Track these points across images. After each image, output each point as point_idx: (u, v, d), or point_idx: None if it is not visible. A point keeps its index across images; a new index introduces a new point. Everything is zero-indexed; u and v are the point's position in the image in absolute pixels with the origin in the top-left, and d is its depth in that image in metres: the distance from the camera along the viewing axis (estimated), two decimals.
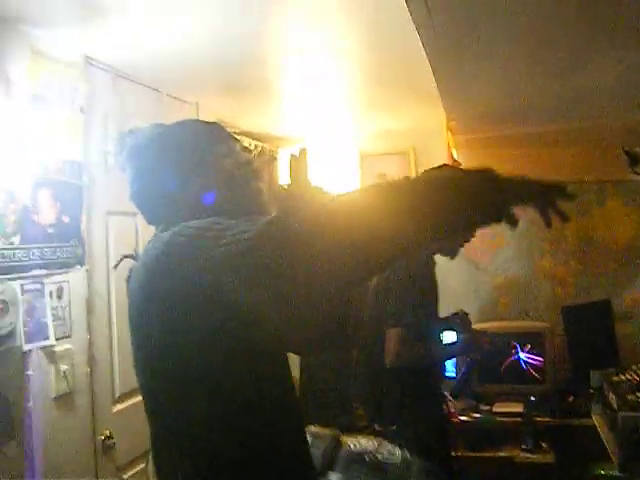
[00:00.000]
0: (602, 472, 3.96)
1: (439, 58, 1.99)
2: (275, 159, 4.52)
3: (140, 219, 1.65)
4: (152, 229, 1.67)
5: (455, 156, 3.98)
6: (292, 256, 1.21)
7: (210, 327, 1.37)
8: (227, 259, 1.25)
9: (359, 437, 2.63)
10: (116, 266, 1.89)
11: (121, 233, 2.80)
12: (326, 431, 2.65)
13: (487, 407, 4.16)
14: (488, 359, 4.02)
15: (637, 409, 2.38)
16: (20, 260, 2.17)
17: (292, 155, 1.66)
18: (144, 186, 1.65)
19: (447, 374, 4.16)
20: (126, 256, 1.81)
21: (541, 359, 4.23)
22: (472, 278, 4.67)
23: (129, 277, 1.65)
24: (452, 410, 3.99)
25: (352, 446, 2.57)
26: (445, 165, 3.29)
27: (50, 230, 2.33)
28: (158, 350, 1.47)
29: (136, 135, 1.70)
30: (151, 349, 1.49)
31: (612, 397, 2.60)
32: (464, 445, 4.01)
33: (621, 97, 2.69)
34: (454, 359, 4.13)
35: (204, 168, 1.64)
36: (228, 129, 1.89)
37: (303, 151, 1.66)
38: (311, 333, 1.42)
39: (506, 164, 4.28)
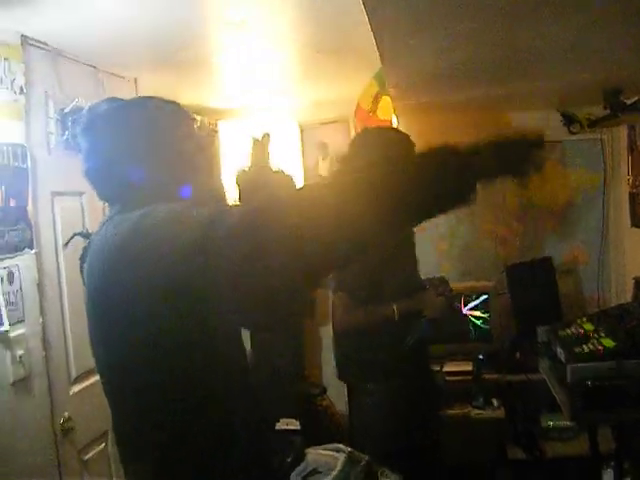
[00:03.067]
0: (550, 423, 4.11)
1: (382, 25, 2.00)
2: (215, 132, 4.50)
3: (86, 198, 1.65)
4: (99, 207, 1.66)
5: (395, 123, 4.01)
6: (270, 246, 1.22)
7: (184, 309, 1.37)
8: (206, 244, 1.25)
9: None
10: (66, 244, 1.89)
11: (68, 213, 2.76)
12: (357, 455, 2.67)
13: (437, 367, 4.24)
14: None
15: (584, 360, 2.47)
16: None
17: (254, 139, 1.67)
18: (100, 162, 1.62)
19: None
20: (77, 234, 1.80)
21: (487, 318, 4.33)
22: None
23: (83, 256, 1.64)
24: None
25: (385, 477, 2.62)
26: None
27: None
28: (125, 331, 1.46)
29: (93, 109, 1.67)
30: (117, 331, 1.49)
31: (559, 351, 2.67)
32: None
33: (559, 61, 2.75)
34: None
35: (164, 149, 1.63)
36: None
37: (266, 135, 1.68)
38: (276, 314, 1.45)
39: (445, 128, 4.39)
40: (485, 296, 4.35)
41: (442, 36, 2.16)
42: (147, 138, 1.61)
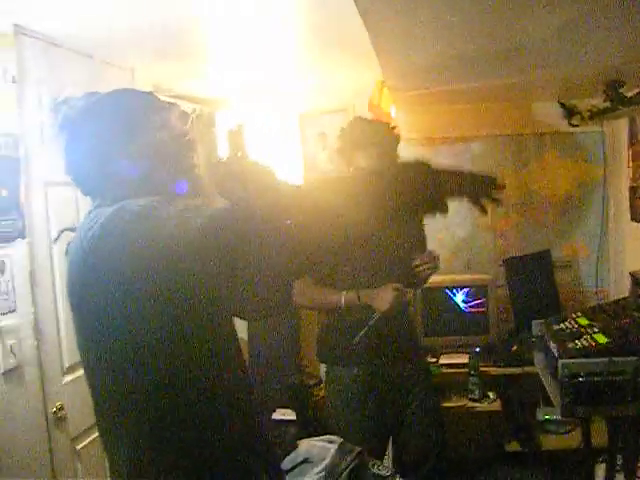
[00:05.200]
0: (547, 417, 4.11)
1: (373, 15, 1.99)
2: (213, 123, 4.48)
3: None
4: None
5: (393, 113, 4.00)
6: (244, 242, 1.26)
7: (160, 300, 1.38)
8: (179, 237, 1.28)
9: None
10: (56, 240, 1.91)
11: (61, 204, 2.75)
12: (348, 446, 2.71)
13: (434, 359, 4.24)
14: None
15: (576, 356, 2.46)
16: None
17: (229, 130, 1.68)
18: (77, 158, 1.64)
19: None
20: (66, 229, 1.81)
21: (484, 310, 4.32)
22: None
23: (67, 251, 1.66)
24: None
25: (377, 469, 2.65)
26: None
27: None
28: (104, 324, 1.48)
29: (68, 105, 1.68)
30: (96, 324, 1.50)
31: (553, 345, 2.67)
32: None
33: (557, 51, 2.74)
34: None
35: (137, 141, 1.63)
36: (164, 93, 1.89)
37: (240, 126, 1.68)
38: (261, 306, 1.47)
39: (444, 119, 4.36)
40: (483, 289, 4.34)
41: (434, 27, 2.15)
42: (121, 132, 1.62)
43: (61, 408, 2.70)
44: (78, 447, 2.85)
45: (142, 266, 1.32)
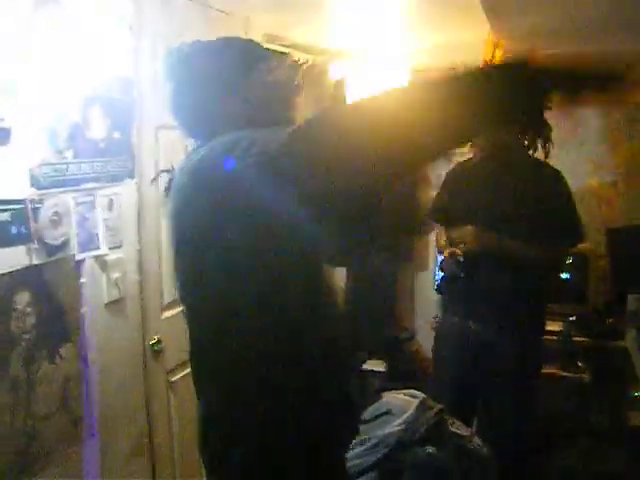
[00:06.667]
0: (636, 394, 4.02)
1: None
2: (325, 72, 4.49)
3: None
4: None
5: None
6: (326, 154, 1.23)
7: (243, 236, 1.43)
8: (259, 166, 1.31)
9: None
10: (154, 180, 2.00)
11: (170, 147, 2.84)
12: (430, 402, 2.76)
13: None
14: None
15: None
16: (73, 174, 2.26)
17: (335, 81, 1.70)
18: (182, 102, 1.72)
19: None
20: (163, 171, 1.91)
21: (583, 280, 4.23)
22: None
23: (167, 189, 1.75)
24: None
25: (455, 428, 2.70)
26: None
27: (101, 145, 2.40)
28: (199, 254, 1.54)
29: (176, 52, 1.75)
30: (192, 254, 1.58)
31: None
32: None
33: None
34: None
35: (241, 86, 1.68)
36: (278, 42, 1.89)
37: (341, 81, 1.71)
38: (344, 233, 1.47)
39: None
40: (583, 258, 4.25)
41: None
42: (224, 76, 1.67)
43: (158, 341, 2.85)
44: (172, 379, 3.00)
45: (234, 185, 1.37)
